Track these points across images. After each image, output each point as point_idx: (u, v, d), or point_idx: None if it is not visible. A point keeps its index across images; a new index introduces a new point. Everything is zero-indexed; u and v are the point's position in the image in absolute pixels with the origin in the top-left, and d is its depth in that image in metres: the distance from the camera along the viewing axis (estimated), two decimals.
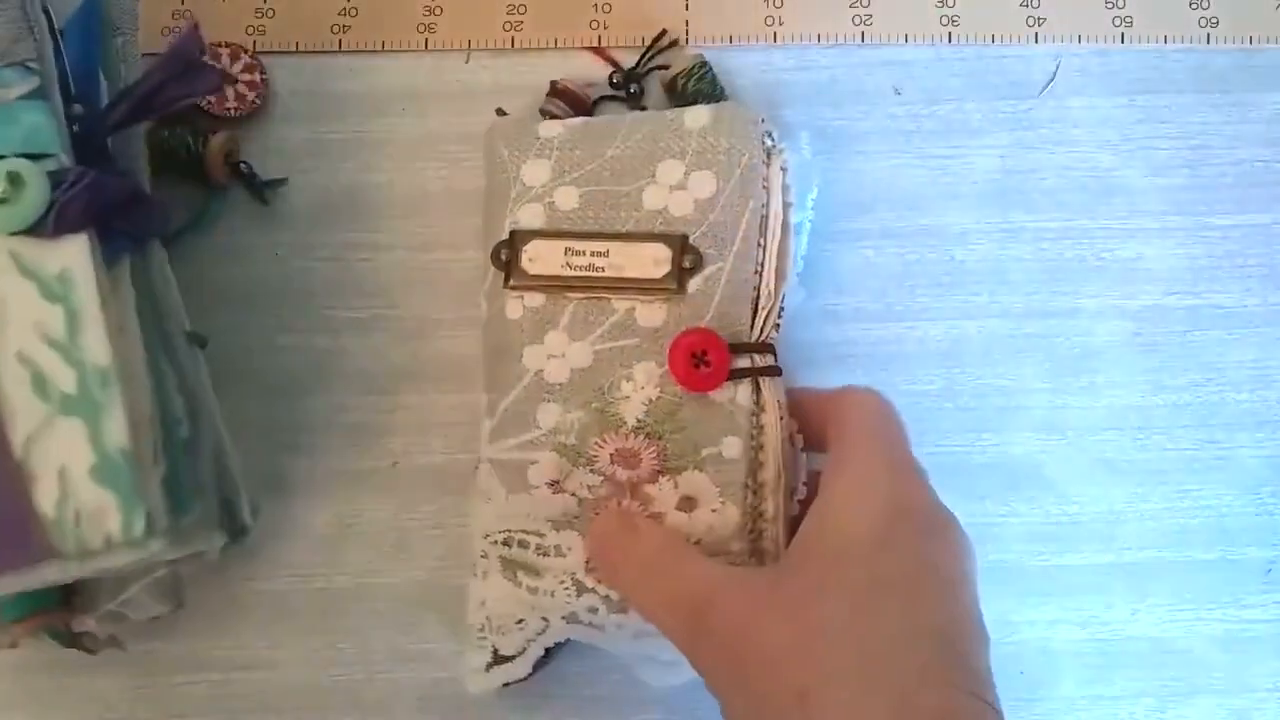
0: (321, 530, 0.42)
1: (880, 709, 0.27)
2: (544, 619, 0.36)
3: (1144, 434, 0.43)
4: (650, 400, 0.36)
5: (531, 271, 0.38)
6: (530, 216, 0.39)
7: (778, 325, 0.38)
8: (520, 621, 0.37)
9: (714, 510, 0.35)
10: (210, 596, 0.41)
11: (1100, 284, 0.44)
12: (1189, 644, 0.41)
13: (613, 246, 0.37)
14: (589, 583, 0.36)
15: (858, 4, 0.46)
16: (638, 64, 0.45)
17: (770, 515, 0.36)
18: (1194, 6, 0.46)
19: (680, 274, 0.37)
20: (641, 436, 0.36)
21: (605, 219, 0.38)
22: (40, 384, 0.32)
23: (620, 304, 0.37)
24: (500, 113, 0.44)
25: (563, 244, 0.38)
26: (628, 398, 0.37)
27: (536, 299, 0.38)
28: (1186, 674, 0.41)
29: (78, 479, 0.32)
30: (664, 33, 0.45)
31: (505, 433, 0.37)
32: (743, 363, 0.36)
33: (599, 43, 0.45)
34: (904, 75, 0.45)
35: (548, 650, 0.37)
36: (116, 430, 0.33)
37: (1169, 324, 0.44)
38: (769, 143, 0.39)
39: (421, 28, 0.46)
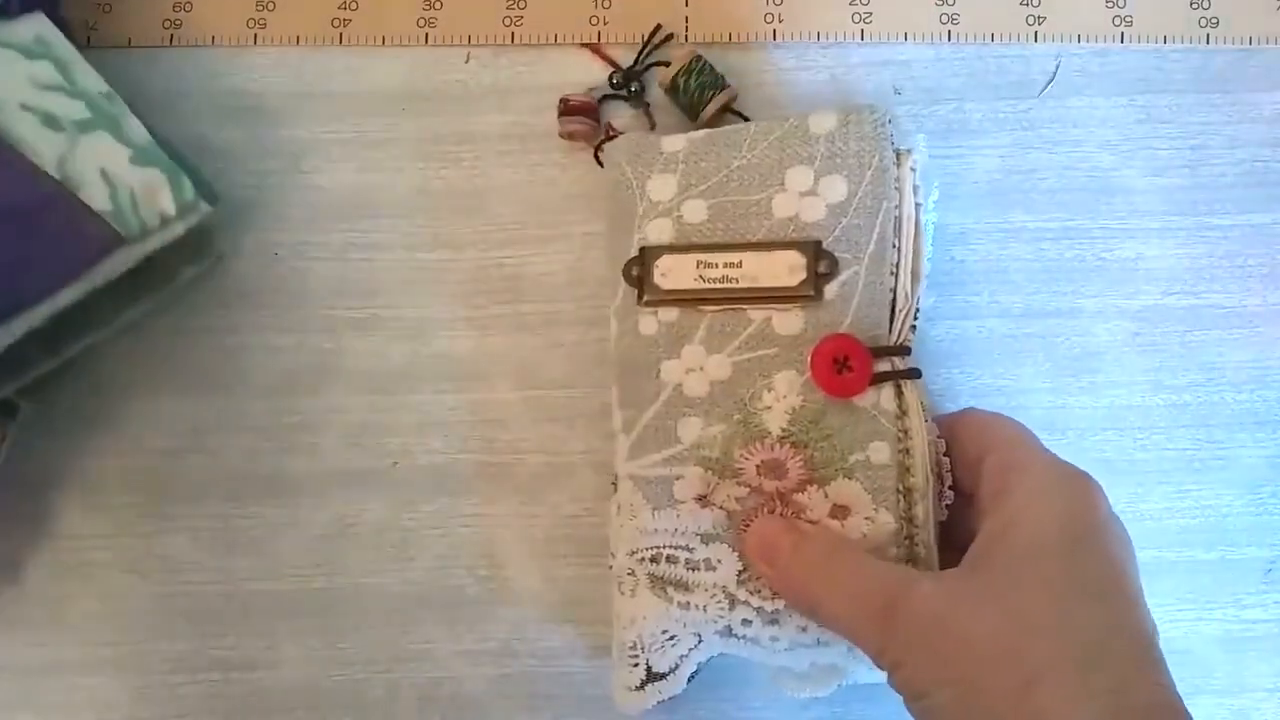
0: (321, 530, 0.42)
1: (1100, 703, 0.28)
2: (696, 634, 0.36)
3: (1144, 434, 0.43)
4: (794, 409, 0.36)
5: (665, 286, 0.38)
6: (658, 231, 0.38)
7: (914, 327, 0.37)
8: (672, 638, 0.36)
9: (867, 518, 0.35)
10: (210, 596, 0.41)
11: (1100, 284, 0.44)
12: (1189, 644, 0.41)
13: (745, 256, 0.37)
14: (741, 595, 0.35)
15: (857, 1, 0.46)
16: (635, 62, 0.45)
17: (921, 520, 0.35)
18: (1194, 6, 0.46)
19: (816, 280, 0.37)
20: (787, 446, 0.36)
21: (735, 229, 0.38)
22: (51, 121, 0.39)
23: (756, 314, 0.37)
24: (611, 131, 0.44)
25: (694, 257, 0.38)
26: (770, 408, 0.36)
27: (671, 314, 0.38)
28: (1186, 674, 0.41)
29: (121, 171, 0.39)
30: (658, 28, 0.45)
31: (646, 449, 0.37)
32: (883, 367, 0.36)
33: (599, 39, 0.45)
34: (904, 75, 0.45)
35: (698, 664, 0.37)
36: (138, 130, 0.40)
37: (1169, 324, 0.43)
38: (896, 143, 0.38)
39: (421, 22, 0.46)
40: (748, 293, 0.37)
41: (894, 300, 0.37)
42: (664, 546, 0.36)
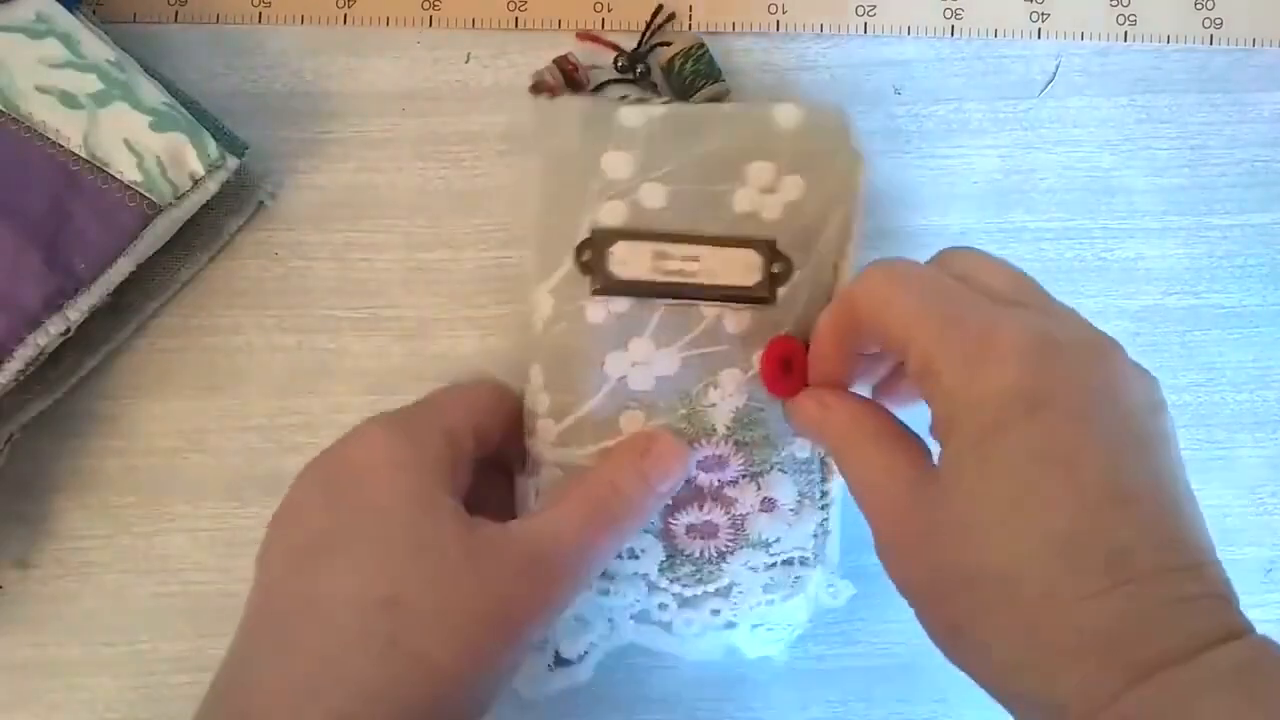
0: None
1: (1092, 589, 0.24)
2: (609, 620, 0.36)
3: None
4: (738, 407, 0.36)
5: (621, 276, 0.36)
6: (613, 214, 0.36)
7: None
8: (585, 623, 0.36)
9: (791, 509, 0.36)
10: (210, 596, 0.41)
11: (1100, 284, 0.44)
12: None
13: (703, 251, 0.36)
14: (662, 583, 0.35)
15: None
16: (639, 45, 0.45)
17: (832, 525, 0.36)
18: (1199, 7, 0.46)
19: (771, 281, 0.36)
20: (731, 443, 0.36)
21: (692, 220, 0.36)
22: (69, 99, 0.39)
23: (709, 310, 0.36)
24: (541, 87, 0.41)
25: (651, 246, 0.36)
26: (715, 405, 0.36)
27: (622, 304, 0.36)
28: None
29: (143, 139, 0.39)
30: (660, 8, 0.45)
31: (582, 439, 0.36)
32: None
33: (602, 25, 0.45)
34: (904, 75, 0.45)
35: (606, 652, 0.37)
36: (153, 93, 0.40)
37: (1169, 324, 0.44)
38: (855, 146, 0.37)
39: (426, 4, 0.46)
40: (704, 289, 0.36)
41: (828, 301, 0.36)
42: None
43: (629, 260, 0.35)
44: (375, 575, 0.29)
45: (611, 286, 0.36)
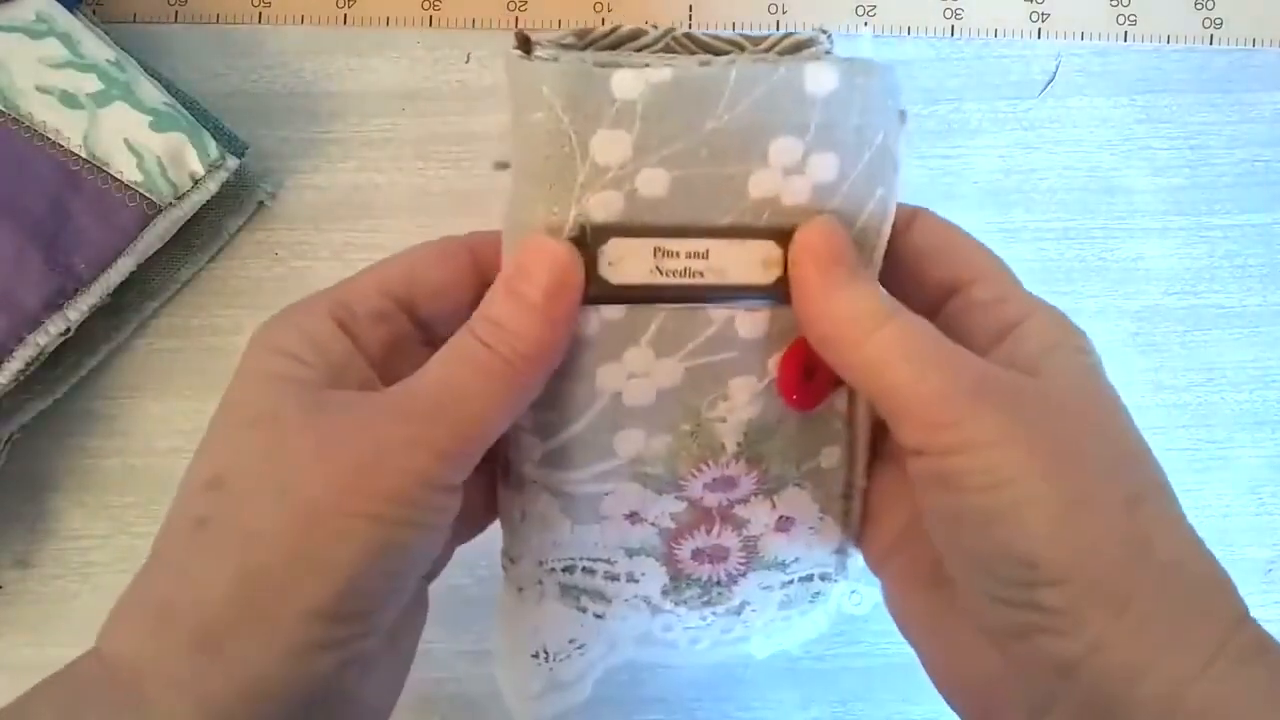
0: None
1: (1186, 531, 0.27)
2: (610, 644, 0.34)
3: (1144, 434, 0.42)
4: (749, 420, 0.30)
5: (615, 280, 0.29)
6: (605, 207, 0.29)
7: None
8: (581, 646, 0.33)
9: (811, 528, 0.32)
10: None
11: (1100, 284, 0.44)
12: None
13: (713, 246, 0.29)
14: (666, 605, 0.32)
15: None
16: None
17: (854, 518, 0.32)
18: (1199, 7, 0.46)
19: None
20: (742, 461, 0.31)
21: (700, 210, 0.29)
22: (69, 99, 0.39)
23: (718, 313, 0.30)
24: (524, 44, 0.30)
25: (651, 243, 0.29)
26: (724, 419, 0.30)
27: (616, 311, 0.30)
28: None
29: (143, 139, 0.39)
30: (614, 29, 0.45)
31: (571, 462, 0.31)
32: None
33: (603, 25, 0.45)
34: (904, 75, 0.44)
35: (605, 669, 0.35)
36: (153, 93, 0.40)
37: (1169, 324, 0.43)
38: (902, 110, 0.30)
39: (426, 4, 0.46)
40: (713, 290, 0.29)
41: None
42: (580, 558, 0.32)
43: (624, 260, 0.29)
44: (205, 460, 0.27)
45: (604, 294, 0.29)
